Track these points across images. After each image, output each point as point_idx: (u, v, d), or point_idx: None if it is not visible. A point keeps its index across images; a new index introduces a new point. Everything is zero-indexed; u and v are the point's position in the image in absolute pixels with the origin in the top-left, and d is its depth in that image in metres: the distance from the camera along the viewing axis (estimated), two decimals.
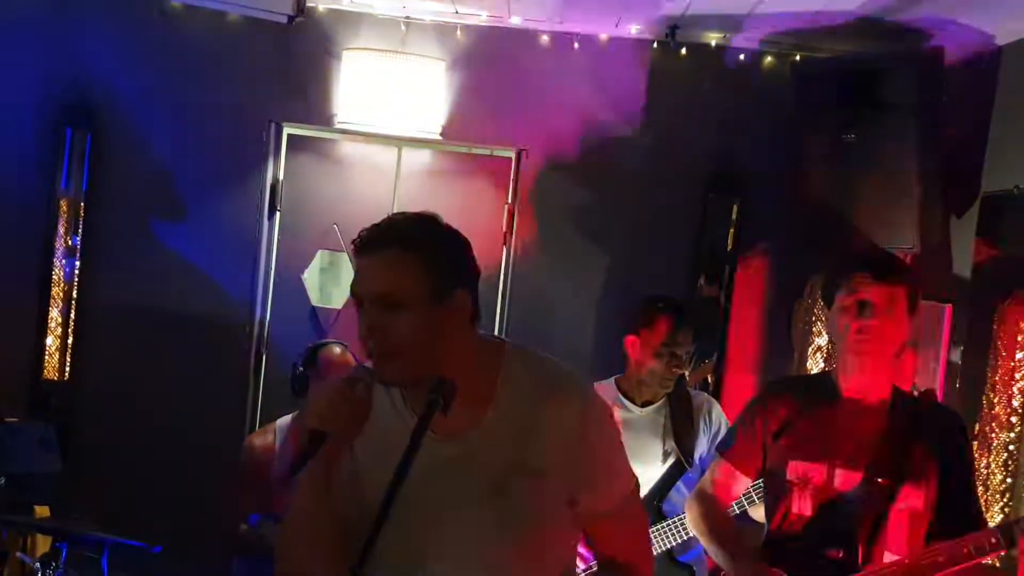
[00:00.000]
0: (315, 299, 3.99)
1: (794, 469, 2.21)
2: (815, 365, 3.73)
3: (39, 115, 3.89)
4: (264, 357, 3.97)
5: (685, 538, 3.03)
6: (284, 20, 3.71)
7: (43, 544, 3.35)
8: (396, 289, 1.52)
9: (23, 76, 3.90)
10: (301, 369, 3.34)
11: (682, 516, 2.93)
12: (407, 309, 1.52)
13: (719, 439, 2.84)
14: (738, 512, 2.82)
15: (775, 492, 2.28)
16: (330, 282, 3.98)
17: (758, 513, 2.64)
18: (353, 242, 1.59)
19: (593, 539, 1.75)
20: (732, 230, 3.94)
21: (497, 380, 1.60)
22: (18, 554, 2.60)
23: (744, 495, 2.76)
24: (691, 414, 3.14)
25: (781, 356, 3.92)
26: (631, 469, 1.73)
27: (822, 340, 3.72)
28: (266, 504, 3.29)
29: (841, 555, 2.15)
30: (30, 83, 3.90)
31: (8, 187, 3.90)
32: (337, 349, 3.39)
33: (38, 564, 2.41)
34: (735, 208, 3.93)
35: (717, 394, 3.81)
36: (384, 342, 1.53)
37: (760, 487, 2.52)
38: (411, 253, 1.54)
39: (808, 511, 2.19)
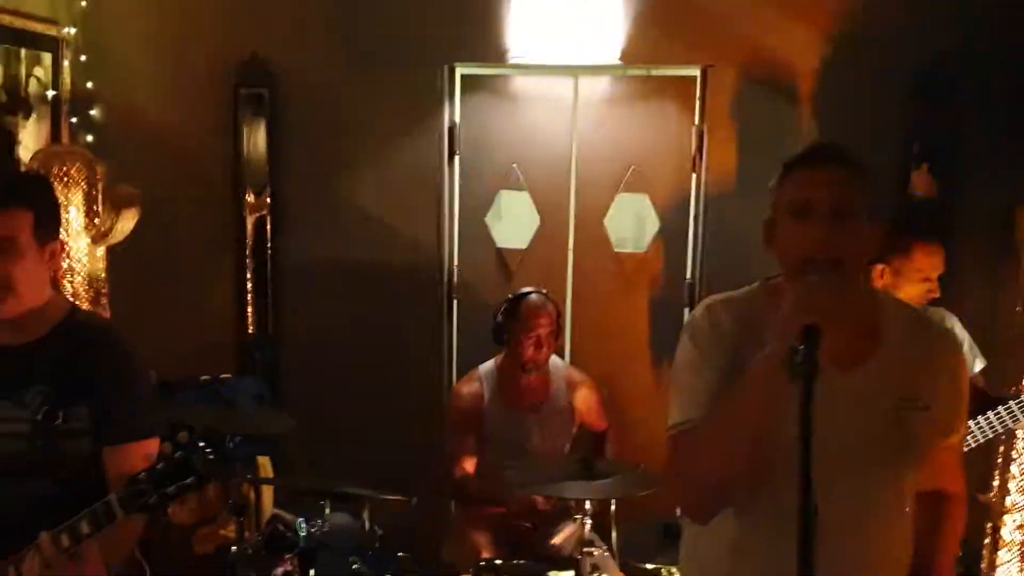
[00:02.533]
0: (500, 240, 3.92)
1: None
2: None
3: (216, 78, 3.93)
4: (455, 302, 3.95)
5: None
6: None
7: (266, 496, 3.49)
8: (852, 201, 1.60)
9: (200, 41, 3.95)
10: (501, 320, 3.32)
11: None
12: (857, 219, 1.59)
13: None
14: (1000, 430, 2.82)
15: None
16: (513, 222, 3.89)
17: None
18: (813, 153, 1.66)
19: (933, 472, 1.77)
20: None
21: (879, 314, 1.69)
22: (274, 511, 2.68)
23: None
24: None
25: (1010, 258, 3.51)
26: None
27: None
28: (477, 447, 3.32)
29: None
30: (206, 46, 3.95)
31: (194, 152, 3.99)
32: (536, 297, 3.34)
33: (300, 520, 2.47)
34: (943, 113, 3.56)
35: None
36: (839, 249, 1.58)
37: None
38: (856, 170, 1.64)
39: None
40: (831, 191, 1.60)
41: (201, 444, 1.76)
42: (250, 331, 4.04)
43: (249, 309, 4.03)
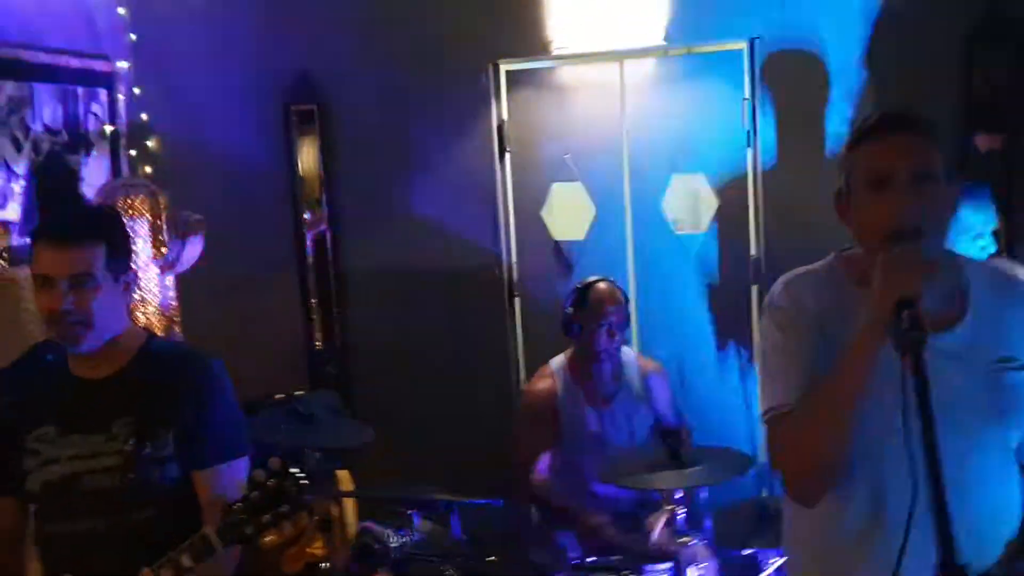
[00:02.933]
0: (556, 233, 3.91)
1: None
2: None
3: (266, 97, 4.00)
4: (517, 300, 3.95)
5: None
6: None
7: (349, 510, 3.53)
8: (929, 167, 1.59)
9: (247, 62, 4.02)
10: (571, 310, 3.30)
11: None
12: (936, 184, 1.59)
13: None
14: None
15: None
16: (568, 214, 3.88)
17: None
18: (884, 121, 1.62)
19: None
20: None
21: (963, 276, 1.68)
22: (362, 524, 2.71)
23: None
24: None
25: None
26: None
27: None
28: (552, 443, 3.32)
29: None
30: (254, 67, 4.01)
31: (250, 172, 4.04)
32: (604, 284, 3.32)
33: (389, 531, 2.50)
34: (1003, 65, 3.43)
35: None
36: (921, 218, 1.56)
37: None
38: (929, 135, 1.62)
39: None
40: (908, 159, 1.58)
41: (293, 470, 1.78)
42: (318, 345, 4.10)
43: (316, 323, 4.09)
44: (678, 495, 2.51)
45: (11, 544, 2.11)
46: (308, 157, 4.03)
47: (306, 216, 4.04)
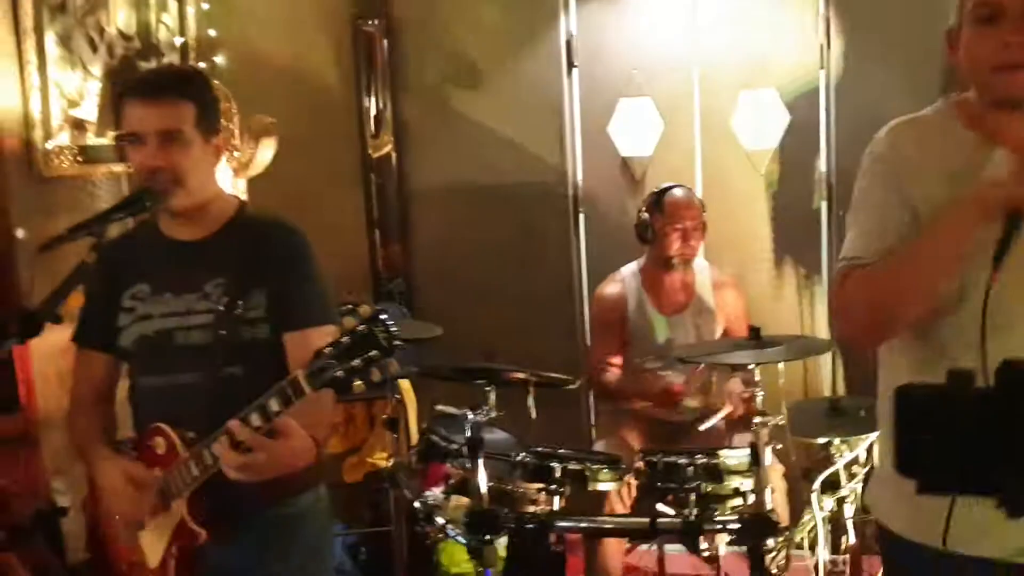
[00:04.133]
0: (623, 149, 3.88)
1: None
2: None
3: (333, 12, 4.01)
4: (582, 215, 3.93)
5: None
6: None
7: (411, 415, 3.57)
8: None
9: None
10: (646, 215, 3.30)
11: None
12: None
13: None
14: None
15: None
16: (636, 130, 3.84)
17: None
18: None
19: None
20: None
21: None
22: (438, 407, 2.73)
23: None
24: None
25: None
26: None
27: None
28: (621, 347, 3.33)
29: None
30: None
31: (317, 88, 4.06)
32: (680, 191, 3.31)
33: (468, 411, 2.52)
34: None
35: None
36: None
37: None
38: None
39: None
40: None
41: (383, 317, 1.78)
42: (381, 261, 4.13)
43: (379, 241, 4.11)
44: (756, 377, 2.49)
45: (105, 397, 2.16)
46: (375, 73, 4.02)
47: (373, 129, 4.05)
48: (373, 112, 4.05)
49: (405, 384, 3.72)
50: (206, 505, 1.99)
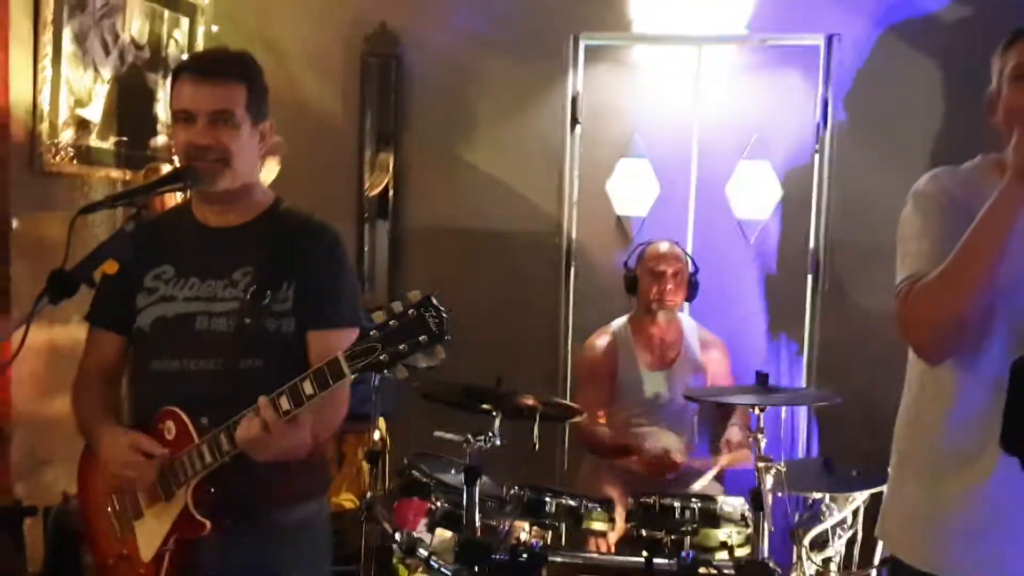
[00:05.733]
0: (620, 208, 3.95)
1: None
2: None
3: (345, 48, 4.05)
4: (573, 268, 3.97)
5: None
6: None
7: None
8: None
9: (328, 11, 4.08)
10: (631, 265, 3.37)
11: None
12: None
13: None
14: None
15: None
16: (633, 190, 3.93)
17: None
18: None
19: None
20: None
21: None
22: (437, 433, 2.68)
23: None
24: None
25: None
26: None
27: None
28: (608, 400, 3.34)
29: None
30: (334, 17, 4.06)
31: (323, 121, 4.07)
32: (664, 244, 3.38)
33: (469, 436, 2.47)
34: None
35: None
36: None
37: None
38: None
39: None
40: None
41: (435, 302, 1.73)
42: (367, 297, 4.08)
43: (370, 277, 4.08)
44: (761, 423, 2.51)
45: (112, 378, 2.08)
46: (382, 110, 4.06)
47: (373, 165, 4.06)
48: (374, 149, 4.08)
49: (381, 423, 3.68)
50: (213, 496, 1.91)
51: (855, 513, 2.86)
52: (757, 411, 2.53)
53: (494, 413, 2.59)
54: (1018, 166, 1.57)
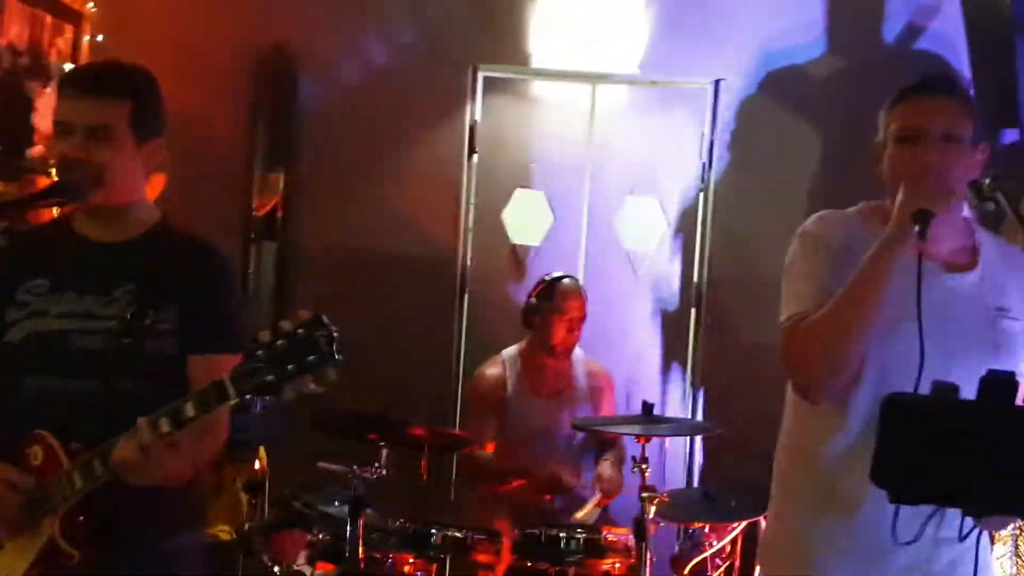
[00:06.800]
0: (514, 236, 3.99)
1: None
2: None
3: (239, 66, 3.96)
4: (467, 295, 3.97)
5: None
6: None
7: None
8: (959, 128, 1.78)
9: (222, 28, 3.98)
10: (535, 301, 3.37)
11: None
12: (963, 145, 1.77)
13: None
14: None
15: None
16: (528, 220, 3.97)
17: None
18: (924, 83, 1.83)
19: None
20: None
21: (975, 235, 1.86)
22: (320, 464, 2.60)
23: None
24: None
25: None
26: None
27: None
28: (497, 430, 3.33)
29: None
30: (229, 33, 3.97)
31: (213, 138, 3.95)
32: (570, 281, 3.42)
33: (354, 467, 2.41)
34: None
35: None
36: (946, 172, 1.73)
37: None
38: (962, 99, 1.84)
39: None
40: (939, 118, 1.77)
41: (327, 322, 1.66)
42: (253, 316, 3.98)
43: (257, 298, 3.98)
44: (646, 453, 2.56)
45: None
46: (275, 129, 3.99)
47: (264, 186, 3.98)
48: (264, 168, 4.00)
49: (260, 452, 3.58)
50: (82, 525, 1.81)
51: (734, 542, 2.93)
52: (642, 441, 2.57)
53: (381, 443, 2.54)
54: (899, 222, 1.68)
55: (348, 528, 2.50)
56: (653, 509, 2.47)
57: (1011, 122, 3.51)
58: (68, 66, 3.76)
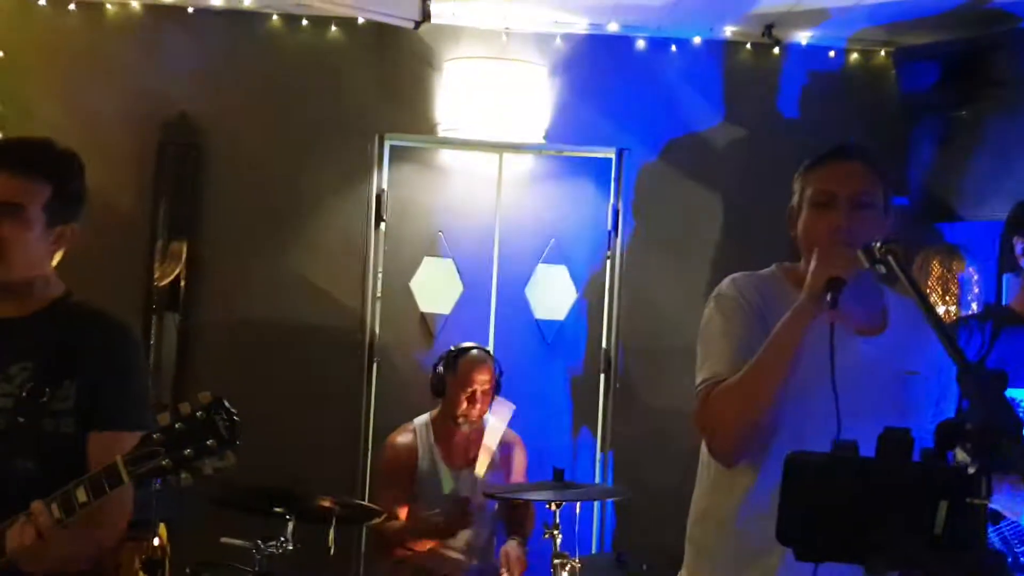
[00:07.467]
0: (423, 305, 3.99)
1: None
2: None
3: (141, 135, 3.92)
4: (376, 364, 3.94)
5: None
6: (411, 26, 3.74)
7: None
8: (870, 193, 1.84)
9: (124, 98, 3.94)
10: (441, 371, 3.37)
11: None
12: (874, 210, 1.83)
13: None
14: None
15: None
16: (437, 288, 3.98)
17: None
18: (836, 151, 1.89)
19: None
20: None
21: (884, 298, 1.91)
22: (224, 539, 2.50)
23: None
24: None
25: None
26: None
27: None
28: (408, 498, 3.28)
29: None
30: (130, 104, 3.93)
31: (114, 208, 3.85)
32: (477, 352, 3.43)
33: (259, 542, 2.32)
34: None
35: None
36: (857, 236, 1.75)
37: None
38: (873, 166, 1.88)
39: None
40: (852, 183, 1.82)
41: (227, 405, 1.67)
42: (158, 394, 3.86)
43: (159, 371, 3.86)
44: (557, 519, 2.55)
45: None
46: (178, 200, 3.92)
47: (165, 257, 3.89)
48: (166, 238, 3.92)
49: (161, 529, 3.43)
50: None
51: None
52: (553, 507, 2.58)
53: (288, 516, 2.47)
54: (812, 288, 1.72)
55: None
56: (566, 574, 2.46)
57: (900, 191, 3.76)
58: None
